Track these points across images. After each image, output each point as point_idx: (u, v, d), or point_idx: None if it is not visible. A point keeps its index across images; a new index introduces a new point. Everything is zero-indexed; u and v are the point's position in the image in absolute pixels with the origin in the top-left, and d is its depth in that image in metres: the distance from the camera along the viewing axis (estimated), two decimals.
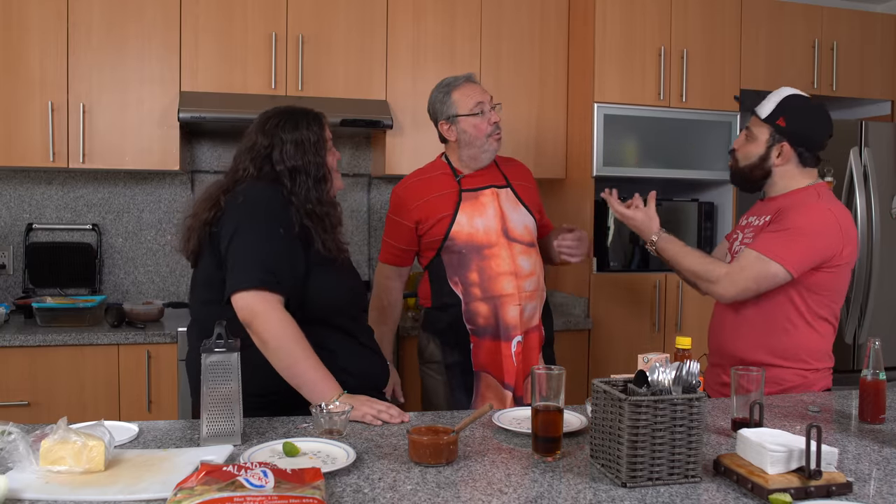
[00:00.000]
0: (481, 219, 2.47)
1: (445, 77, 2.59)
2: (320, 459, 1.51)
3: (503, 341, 2.45)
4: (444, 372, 2.50)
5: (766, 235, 2.15)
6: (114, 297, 3.63)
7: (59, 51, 3.22)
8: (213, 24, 3.35)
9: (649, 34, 3.63)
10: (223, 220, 1.94)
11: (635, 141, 3.63)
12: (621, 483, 1.40)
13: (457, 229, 2.46)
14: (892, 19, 4.06)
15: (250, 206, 1.94)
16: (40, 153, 3.21)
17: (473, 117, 2.46)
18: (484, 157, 2.52)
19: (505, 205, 2.52)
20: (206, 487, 1.21)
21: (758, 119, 2.25)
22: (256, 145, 2.02)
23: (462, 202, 2.48)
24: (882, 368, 1.88)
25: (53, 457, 1.41)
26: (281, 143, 2.00)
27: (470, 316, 2.46)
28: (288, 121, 2.04)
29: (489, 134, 2.48)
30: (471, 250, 2.45)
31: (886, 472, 1.51)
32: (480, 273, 2.44)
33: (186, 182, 3.73)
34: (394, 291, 2.63)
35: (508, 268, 2.45)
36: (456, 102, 2.49)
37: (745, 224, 2.37)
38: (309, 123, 2.05)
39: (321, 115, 2.10)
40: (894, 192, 3.81)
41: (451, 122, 2.50)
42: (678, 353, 1.84)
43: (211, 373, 1.63)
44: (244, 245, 1.89)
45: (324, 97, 3.44)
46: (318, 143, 2.04)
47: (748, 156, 2.27)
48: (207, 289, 1.98)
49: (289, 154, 1.99)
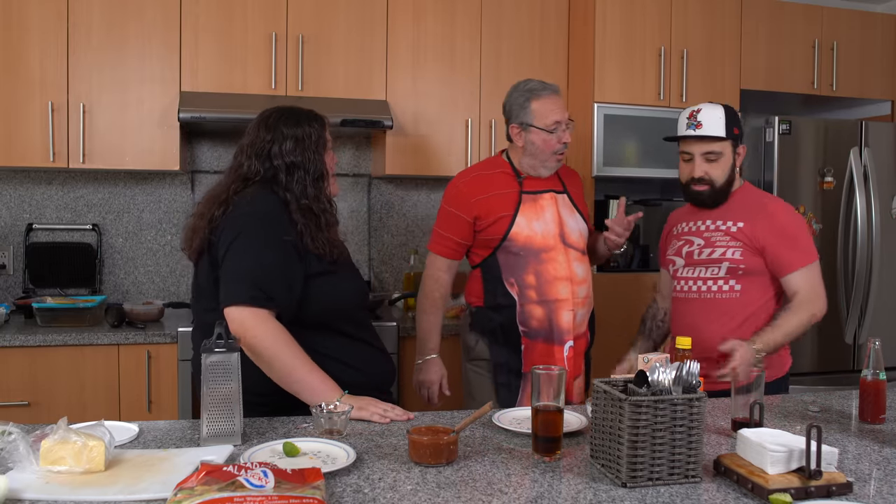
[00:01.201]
0: (539, 222, 2.47)
1: (529, 79, 2.54)
2: (320, 459, 1.51)
3: (556, 345, 2.45)
4: (491, 370, 2.51)
5: (785, 251, 2.29)
6: (114, 297, 3.63)
7: (60, 51, 3.22)
8: (213, 23, 3.35)
9: (649, 34, 3.63)
10: (222, 228, 1.95)
11: (635, 141, 3.63)
12: (621, 483, 1.40)
13: (516, 230, 2.45)
14: (892, 19, 4.05)
15: (248, 217, 1.94)
16: (40, 153, 3.21)
17: (546, 133, 2.44)
18: (543, 171, 2.51)
19: (563, 210, 2.53)
20: (206, 487, 1.21)
21: (713, 139, 2.35)
22: (258, 140, 2.02)
23: (522, 203, 2.47)
24: (882, 368, 1.89)
25: (53, 457, 1.41)
26: (282, 137, 2.00)
27: (524, 318, 2.45)
28: (290, 117, 2.05)
29: (556, 152, 2.47)
30: (528, 253, 2.45)
31: (886, 472, 1.51)
32: (537, 276, 2.44)
33: (186, 182, 3.74)
34: (446, 285, 2.59)
35: (564, 273, 2.46)
36: (534, 112, 2.45)
37: (696, 230, 2.44)
38: (311, 121, 2.05)
39: (323, 116, 2.11)
40: (894, 193, 3.81)
41: (523, 128, 2.47)
42: (678, 354, 1.84)
43: (211, 373, 1.63)
44: (237, 259, 1.90)
45: (324, 97, 3.44)
46: (319, 141, 2.04)
47: (724, 173, 2.39)
48: (209, 295, 1.98)
49: (288, 149, 2.00)
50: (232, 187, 2.01)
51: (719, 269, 2.35)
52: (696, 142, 2.36)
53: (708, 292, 2.37)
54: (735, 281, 2.33)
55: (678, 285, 2.46)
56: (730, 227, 2.36)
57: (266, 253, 1.90)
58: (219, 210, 1.97)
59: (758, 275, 2.33)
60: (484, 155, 3.65)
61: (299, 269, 1.95)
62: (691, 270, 2.42)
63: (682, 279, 2.44)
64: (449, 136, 3.64)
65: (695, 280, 2.40)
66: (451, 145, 3.64)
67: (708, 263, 2.37)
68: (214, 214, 1.97)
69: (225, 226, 1.94)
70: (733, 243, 2.34)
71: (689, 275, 2.42)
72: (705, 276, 2.38)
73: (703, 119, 2.34)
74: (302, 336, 1.89)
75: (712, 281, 2.36)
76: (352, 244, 3.90)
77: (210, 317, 1.94)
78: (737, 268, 2.32)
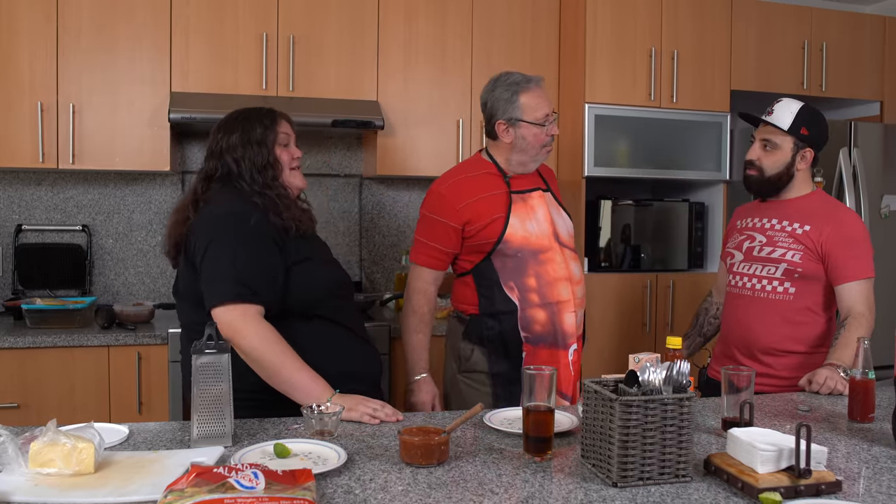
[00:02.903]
0: (532, 222, 2.38)
1: (509, 72, 2.44)
2: (311, 460, 1.51)
3: (561, 349, 2.37)
4: (489, 382, 2.37)
5: (847, 260, 2.31)
6: (104, 298, 3.62)
7: (49, 52, 3.21)
8: (203, 24, 3.34)
9: (640, 35, 3.64)
10: (194, 231, 2.00)
11: (626, 141, 3.64)
12: (612, 483, 1.41)
13: (511, 232, 2.34)
14: (880, 20, 4.08)
15: (217, 219, 2.00)
16: (30, 154, 3.20)
17: (537, 127, 2.37)
18: (531, 166, 2.45)
19: (551, 209, 2.45)
20: (196, 489, 1.21)
21: (777, 130, 2.38)
22: (213, 141, 2.12)
23: (513, 204, 2.38)
24: (871, 367, 1.90)
25: (43, 459, 1.40)
26: (230, 133, 2.09)
27: (526, 323, 2.35)
28: (242, 116, 2.14)
29: (545, 144, 2.41)
30: (527, 254, 2.35)
31: (875, 471, 1.52)
32: (538, 278, 2.34)
33: (177, 183, 3.72)
34: (433, 298, 2.46)
35: (564, 273, 2.38)
36: (523, 107, 2.36)
37: (760, 226, 2.45)
38: (261, 118, 2.13)
39: (277, 112, 2.18)
40: (883, 192, 3.83)
41: (511, 124, 2.38)
42: (669, 353, 1.85)
43: (201, 374, 1.62)
44: (217, 259, 1.92)
45: (315, 98, 3.44)
46: (266, 134, 2.10)
47: (775, 165, 2.40)
48: (189, 298, 2.02)
49: (234, 143, 2.07)
50: (199, 187, 2.10)
51: (776, 270, 2.36)
52: (763, 126, 2.42)
53: (762, 291, 2.39)
54: (790, 283, 2.35)
55: (733, 279, 2.48)
56: (795, 228, 2.37)
57: (242, 249, 1.93)
58: (193, 212, 2.04)
59: (812, 280, 2.34)
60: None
61: (280, 260, 1.98)
62: (748, 267, 2.43)
63: (738, 274, 2.46)
64: (440, 136, 3.64)
65: (750, 277, 2.42)
66: (443, 146, 3.64)
67: (766, 262, 2.39)
68: (189, 217, 2.04)
69: (196, 230, 1.99)
70: (795, 245, 2.35)
71: (746, 271, 2.44)
72: (761, 275, 2.39)
73: (777, 108, 2.39)
74: (282, 327, 1.91)
75: (767, 280, 2.38)
76: (343, 244, 3.91)
77: (190, 318, 2.03)
78: (794, 270, 2.34)
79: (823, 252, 2.32)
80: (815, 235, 2.33)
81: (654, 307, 3.65)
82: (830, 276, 2.33)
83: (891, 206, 3.84)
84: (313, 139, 3.83)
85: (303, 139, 3.83)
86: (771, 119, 2.38)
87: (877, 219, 3.80)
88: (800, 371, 2.29)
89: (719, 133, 3.76)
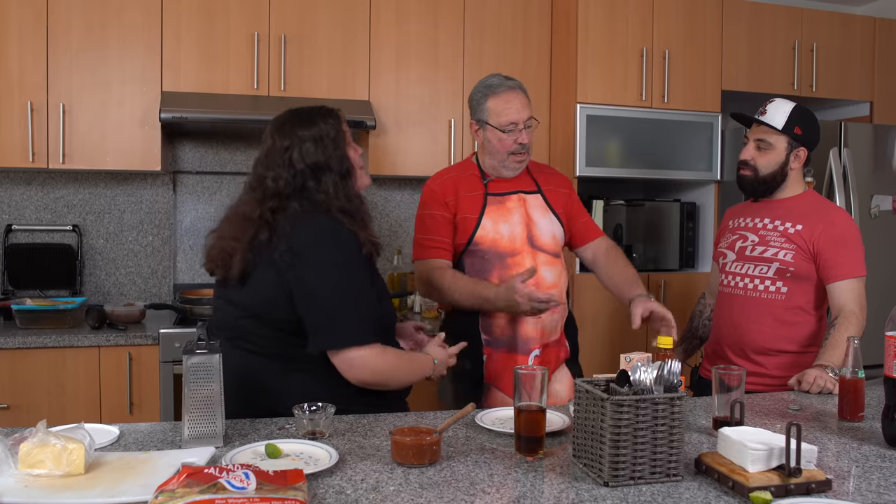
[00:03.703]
0: (506, 224, 2.38)
1: (494, 74, 2.44)
2: (303, 461, 1.50)
3: (520, 354, 2.35)
4: (454, 379, 2.37)
5: (839, 258, 2.31)
6: (95, 298, 3.60)
7: (39, 50, 3.19)
8: (194, 23, 3.34)
9: (631, 35, 3.65)
10: (288, 263, 1.81)
11: (618, 141, 3.65)
12: (604, 482, 1.41)
13: (481, 234, 2.37)
14: (870, 21, 4.10)
15: (322, 244, 1.83)
16: (19, 153, 3.18)
17: (500, 132, 2.35)
18: (504, 172, 2.42)
19: (533, 211, 2.43)
20: (187, 490, 1.21)
21: (771, 129, 2.39)
22: (275, 149, 1.91)
23: (487, 206, 2.39)
24: (861, 367, 1.90)
25: (32, 460, 1.39)
26: (299, 140, 1.89)
27: (486, 325, 2.36)
28: (303, 118, 1.95)
29: (512, 152, 2.36)
30: (493, 256, 2.36)
31: (865, 469, 1.53)
32: (501, 281, 2.32)
33: (168, 183, 3.71)
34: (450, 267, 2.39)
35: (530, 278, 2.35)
36: (489, 110, 2.36)
37: (752, 226, 2.46)
38: (325, 118, 1.95)
39: (336, 110, 2.01)
40: (873, 193, 3.85)
41: (480, 125, 2.41)
42: (660, 353, 1.85)
43: (193, 374, 1.62)
44: (336, 294, 1.80)
45: (306, 97, 3.43)
46: (338, 136, 1.94)
47: (770, 164, 2.41)
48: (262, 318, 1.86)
49: (308, 151, 1.89)
50: (267, 205, 1.86)
51: (768, 269, 2.38)
52: (756, 126, 2.42)
53: (754, 290, 2.40)
54: (782, 283, 2.36)
55: (725, 279, 2.49)
56: (787, 228, 2.38)
57: (357, 281, 1.85)
58: (263, 233, 1.84)
59: (804, 280, 2.35)
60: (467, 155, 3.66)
61: (372, 290, 1.92)
62: (740, 266, 2.45)
63: (730, 274, 2.47)
64: (432, 136, 3.64)
65: (742, 276, 2.43)
66: (434, 146, 3.64)
67: (758, 261, 2.40)
68: (259, 238, 1.84)
69: (295, 256, 1.81)
70: (787, 245, 2.36)
71: (738, 270, 2.45)
72: (753, 274, 2.41)
73: (770, 108, 2.40)
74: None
75: (759, 280, 2.39)
76: None
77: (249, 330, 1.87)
78: (786, 269, 2.35)
79: (815, 251, 2.33)
80: (807, 235, 2.34)
81: None
82: (822, 274, 2.34)
83: (881, 205, 3.86)
84: None
85: None
86: (764, 119, 2.39)
87: (867, 218, 3.81)
88: (791, 370, 2.30)
89: (710, 133, 3.77)
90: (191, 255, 3.74)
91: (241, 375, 1.83)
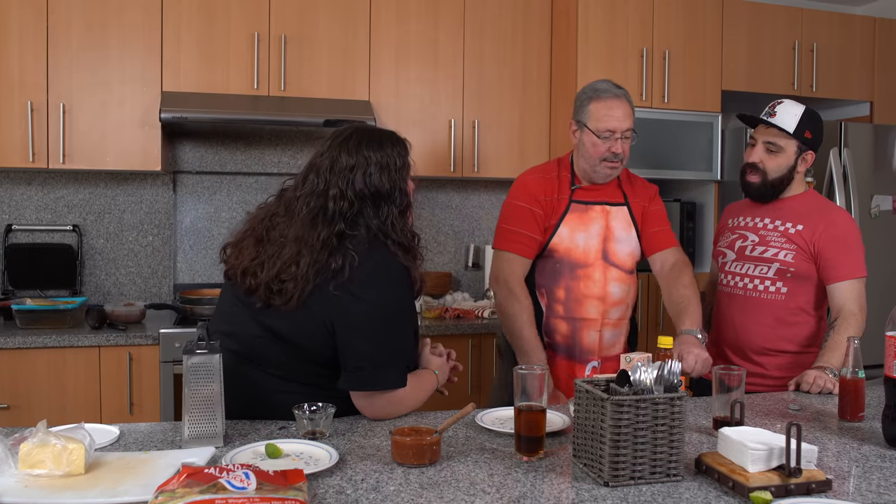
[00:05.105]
0: (583, 235, 2.37)
1: (603, 79, 2.42)
2: (303, 461, 1.50)
3: (578, 363, 2.38)
4: None
5: (839, 258, 2.31)
6: (95, 298, 3.60)
7: (39, 50, 3.19)
8: (195, 23, 3.34)
9: (632, 35, 3.65)
10: (341, 291, 1.71)
11: None
12: (604, 482, 1.41)
13: (556, 241, 2.36)
14: (870, 21, 4.10)
15: (383, 286, 1.74)
16: (20, 153, 3.18)
17: (595, 137, 2.32)
18: (595, 178, 2.39)
19: (615, 224, 2.41)
20: (187, 490, 1.20)
21: (782, 133, 2.36)
22: (338, 165, 1.77)
23: (568, 213, 2.38)
24: (861, 367, 1.90)
25: (33, 460, 1.39)
26: (366, 162, 1.77)
27: (549, 330, 2.39)
28: (372, 139, 1.82)
29: (604, 158, 2.33)
30: (564, 266, 2.36)
31: (865, 470, 1.53)
32: (567, 292, 2.35)
33: (168, 183, 3.71)
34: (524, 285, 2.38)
35: (597, 292, 2.36)
36: (590, 113, 2.34)
37: (752, 226, 2.45)
38: (394, 144, 1.83)
39: (405, 139, 1.89)
40: (873, 192, 3.85)
41: (578, 127, 2.39)
42: (660, 353, 1.85)
43: (193, 374, 1.62)
44: (385, 339, 1.75)
45: (306, 97, 3.44)
46: (403, 167, 1.82)
47: (779, 168, 2.39)
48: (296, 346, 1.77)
49: (373, 176, 1.76)
50: (333, 229, 1.74)
51: (768, 269, 2.37)
52: (765, 129, 2.40)
53: (754, 291, 2.40)
54: (782, 283, 2.36)
55: (724, 279, 2.49)
56: (788, 228, 2.37)
57: (402, 325, 1.80)
58: (335, 261, 1.71)
59: (805, 280, 2.35)
60: (467, 154, 3.66)
61: None
62: (740, 266, 2.44)
63: (730, 273, 2.47)
64: (432, 136, 3.64)
65: (741, 276, 2.43)
66: (435, 145, 3.64)
67: (758, 261, 2.39)
68: (329, 266, 1.72)
69: (343, 295, 1.71)
70: (788, 245, 2.35)
71: (737, 270, 2.44)
72: (753, 274, 2.40)
73: (779, 110, 2.38)
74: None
75: (759, 280, 2.39)
76: None
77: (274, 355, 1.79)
78: (786, 270, 2.35)
79: (816, 251, 2.32)
80: (807, 235, 2.33)
81: (644, 308, 3.66)
82: (822, 275, 2.33)
83: (881, 205, 3.86)
84: (305, 139, 3.82)
85: (294, 139, 3.85)
86: (774, 121, 2.36)
87: (867, 218, 3.81)
88: (791, 371, 2.30)
89: (710, 133, 3.77)
90: (191, 255, 3.74)
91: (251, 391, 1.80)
